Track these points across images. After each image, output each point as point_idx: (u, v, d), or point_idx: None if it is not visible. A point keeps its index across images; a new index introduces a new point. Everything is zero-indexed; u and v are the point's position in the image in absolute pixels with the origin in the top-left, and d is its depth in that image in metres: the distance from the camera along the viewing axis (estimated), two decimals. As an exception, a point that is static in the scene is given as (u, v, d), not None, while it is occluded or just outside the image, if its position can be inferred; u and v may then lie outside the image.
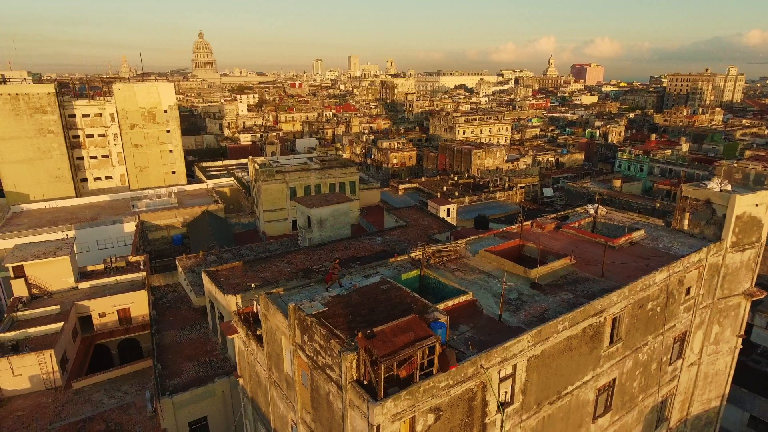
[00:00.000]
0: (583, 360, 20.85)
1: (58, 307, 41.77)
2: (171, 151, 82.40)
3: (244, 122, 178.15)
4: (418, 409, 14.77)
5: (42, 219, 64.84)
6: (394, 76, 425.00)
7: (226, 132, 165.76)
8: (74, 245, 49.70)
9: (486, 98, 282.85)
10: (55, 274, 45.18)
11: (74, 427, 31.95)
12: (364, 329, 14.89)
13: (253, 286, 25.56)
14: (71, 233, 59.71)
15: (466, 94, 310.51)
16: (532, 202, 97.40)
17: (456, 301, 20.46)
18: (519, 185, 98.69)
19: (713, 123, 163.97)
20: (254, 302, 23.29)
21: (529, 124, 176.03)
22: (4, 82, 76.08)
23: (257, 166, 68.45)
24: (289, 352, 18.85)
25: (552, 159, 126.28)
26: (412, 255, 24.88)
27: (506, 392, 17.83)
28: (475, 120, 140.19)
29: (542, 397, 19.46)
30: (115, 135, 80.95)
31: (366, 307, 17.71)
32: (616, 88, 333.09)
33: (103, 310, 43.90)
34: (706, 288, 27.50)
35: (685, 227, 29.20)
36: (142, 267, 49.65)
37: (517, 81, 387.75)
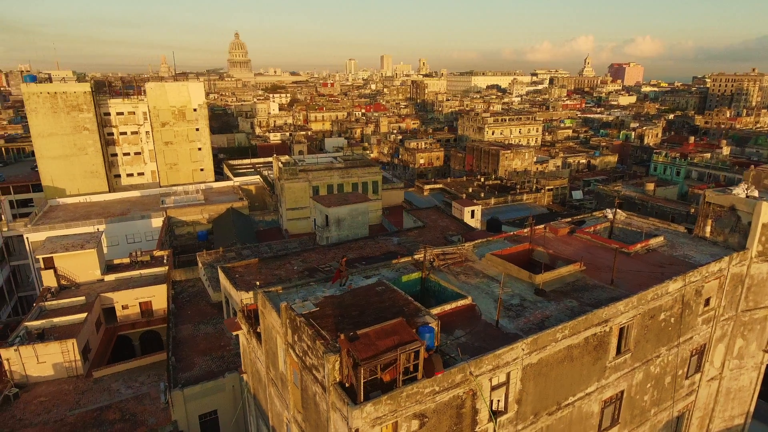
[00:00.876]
0: (586, 370, 20.09)
1: (83, 298, 43.30)
2: (200, 149, 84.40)
3: (275, 121, 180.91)
4: (400, 414, 14.51)
5: (76, 213, 67.47)
6: (426, 75, 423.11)
7: (258, 131, 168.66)
8: (103, 239, 51.49)
9: (519, 98, 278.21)
10: (82, 266, 46.89)
11: (91, 414, 33.04)
12: (347, 331, 14.74)
13: (258, 283, 25.80)
14: (102, 227, 61.95)
15: (499, 94, 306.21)
16: (560, 205, 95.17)
17: (454, 305, 20.05)
18: (547, 188, 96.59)
19: (758, 125, 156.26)
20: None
21: (562, 125, 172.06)
22: (50, 81, 79.48)
23: (281, 165, 69.22)
24: (282, 351, 18.91)
25: (583, 161, 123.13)
26: (416, 257, 24.58)
27: (499, 401, 17.34)
28: (505, 120, 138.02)
29: (540, 407, 18.85)
30: (147, 133, 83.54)
31: (357, 309, 17.56)
32: (656, 89, 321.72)
33: (126, 302, 45.23)
34: (728, 299, 26.10)
35: (707, 234, 27.81)
36: (165, 261, 50.99)
37: (551, 81, 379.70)
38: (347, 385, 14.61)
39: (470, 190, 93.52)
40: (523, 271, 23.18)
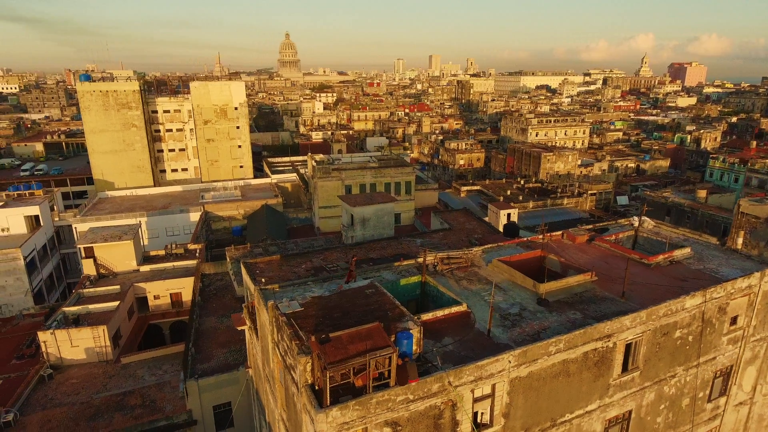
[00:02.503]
0: (587, 387, 19.03)
1: (118, 287, 45.49)
2: (240, 146, 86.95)
3: (318, 120, 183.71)
4: (370, 421, 14.24)
5: (122, 205, 71.08)
6: (473, 75, 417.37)
7: (302, 129, 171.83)
8: (141, 231, 53.88)
9: (569, 99, 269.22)
10: (120, 256, 49.23)
11: (115, 398, 34.59)
12: (319, 333, 14.61)
13: (263, 280, 26.17)
14: (144, 220, 64.94)
15: (548, 94, 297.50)
16: (603, 211, 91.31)
17: (447, 311, 19.51)
18: (590, 192, 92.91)
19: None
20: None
21: (612, 126, 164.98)
22: (112, 80, 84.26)
23: (314, 163, 70.11)
24: (270, 349, 19.04)
25: (632, 165, 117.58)
26: (419, 260, 24.14)
27: (483, 413, 16.70)
28: (550, 122, 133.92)
29: (531, 422, 18.02)
30: (191, 130, 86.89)
31: (341, 311, 17.41)
32: (719, 90, 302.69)
33: (158, 292, 47.08)
34: (760, 318, 24.05)
35: (739, 247, 25.73)
36: (197, 255, 52.76)
37: (605, 81, 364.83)
38: (317, 387, 14.49)
39: (509, 192, 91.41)
40: (528, 279, 22.26)
